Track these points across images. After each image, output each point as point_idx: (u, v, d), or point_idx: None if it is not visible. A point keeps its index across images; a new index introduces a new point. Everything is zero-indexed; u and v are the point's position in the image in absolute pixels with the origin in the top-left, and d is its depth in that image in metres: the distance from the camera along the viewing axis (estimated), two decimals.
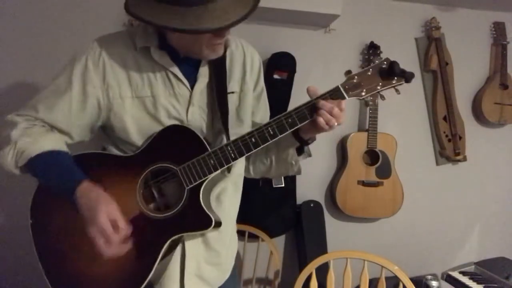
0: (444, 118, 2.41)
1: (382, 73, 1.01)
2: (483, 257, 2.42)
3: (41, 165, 1.01)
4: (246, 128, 1.16)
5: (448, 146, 2.42)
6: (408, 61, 2.44)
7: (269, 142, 1.01)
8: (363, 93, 1.01)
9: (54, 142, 1.03)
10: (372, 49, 2.29)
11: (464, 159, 2.44)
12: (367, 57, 2.31)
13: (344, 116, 1.02)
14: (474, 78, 2.49)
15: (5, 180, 1.97)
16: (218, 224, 1.07)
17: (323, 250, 2.23)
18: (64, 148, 1.05)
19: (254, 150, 1.01)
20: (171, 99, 1.07)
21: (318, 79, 2.34)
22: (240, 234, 1.97)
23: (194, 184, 1.02)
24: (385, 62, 1.02)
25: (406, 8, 2.42)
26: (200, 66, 1.09)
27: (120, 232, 0.94)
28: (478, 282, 2.07)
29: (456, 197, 2.50)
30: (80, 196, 0.97)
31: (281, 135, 1.01)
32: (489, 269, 2.20)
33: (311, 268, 1.71)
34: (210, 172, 1.02)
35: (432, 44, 2.39)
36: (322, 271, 1.75)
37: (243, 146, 1.00)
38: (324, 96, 1.01)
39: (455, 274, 2.17)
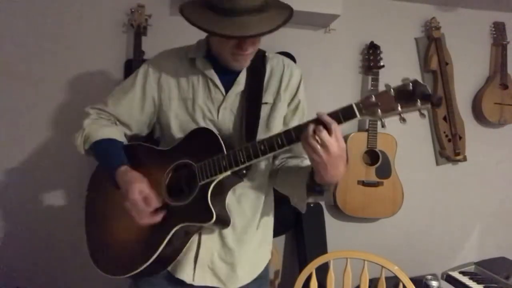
0: (444, 118, 2.41)
1: (404, 94, 0.90)
2: (483, 257, 2.42)
3: (98, 148, 1.22)
4: None
5: (448, 146, 2.42)
6: (408, 61, 2.44)
7: (276, 152, 1.04)
8: (379, 113, 0.93)
9: (113, 133, 1.24)
10: (372, 49, 2.29)
11: (464, 159, 2.44)
12: (367, 57, 2.31)
13: (336, 144, 0.99)
14: (474, 78, 2.49)
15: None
16: (221, 221, 1.13)
17: (323, 250, 2.23)
18: (120, 138, 1.24)
19: (261, 157, 1.05)
20: (207, 101, 1.22)
21: (318, 79, 2.34)
22: None
23: (206, 181, 1.10)
24: (410, 84, 0.90)
25: (406, 8, 2.42)
26: (239, 75, 1.22)
27: (151, 204, 1.10)
28: (478, 282, 2.07)
29: (456, 197, 2.50)
30: (118, 175, 1.15)
31: (288, 146, 1.02)
32: (489, 269, 2.20)
33: (311, 268, 1.71)
34: (221, 172, 1.08)
35: (432, 44, 2.39)
36: (322, 271, 1.75)
37: (252, 152, 1.05)
38: (333, 113, 0.97)
39: (455, 274, 2.17)
